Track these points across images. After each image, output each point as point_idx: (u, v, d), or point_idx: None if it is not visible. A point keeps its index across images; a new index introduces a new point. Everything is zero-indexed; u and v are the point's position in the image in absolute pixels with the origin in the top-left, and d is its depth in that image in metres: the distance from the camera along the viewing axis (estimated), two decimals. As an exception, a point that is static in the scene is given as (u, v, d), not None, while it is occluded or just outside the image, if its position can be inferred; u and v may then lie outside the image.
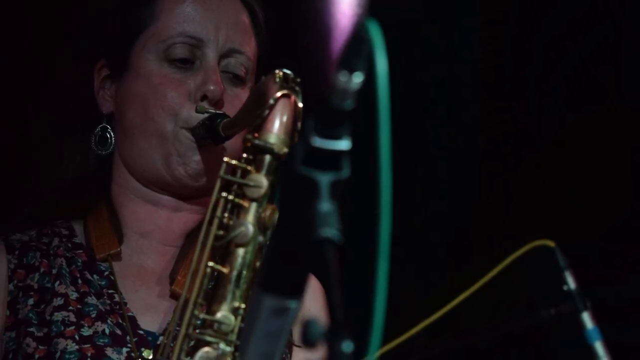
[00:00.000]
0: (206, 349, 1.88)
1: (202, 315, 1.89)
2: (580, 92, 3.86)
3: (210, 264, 1.91)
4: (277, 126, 1.93)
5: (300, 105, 1.94)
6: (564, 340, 2.52)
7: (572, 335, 2.02)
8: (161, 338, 2.24)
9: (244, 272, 1.85)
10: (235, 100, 2.34)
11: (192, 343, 1.91)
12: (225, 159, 1.99)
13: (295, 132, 1.92)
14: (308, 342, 1.30)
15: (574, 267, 2.18)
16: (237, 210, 1.93)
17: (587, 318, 2.06)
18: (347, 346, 1.29)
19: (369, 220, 1.39)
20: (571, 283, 2.10)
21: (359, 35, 1.35)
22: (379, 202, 1.36)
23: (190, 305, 1.93)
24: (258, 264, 1.85)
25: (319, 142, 1.37)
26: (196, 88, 2.32)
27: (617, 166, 3.83)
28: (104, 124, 2.42)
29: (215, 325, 1.85)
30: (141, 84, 2.34)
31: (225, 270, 1.86)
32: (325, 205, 1.36)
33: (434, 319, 2.13)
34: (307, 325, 1.30)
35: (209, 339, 1.87)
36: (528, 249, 2.04)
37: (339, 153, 1.38)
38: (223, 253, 1.89)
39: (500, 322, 2.39)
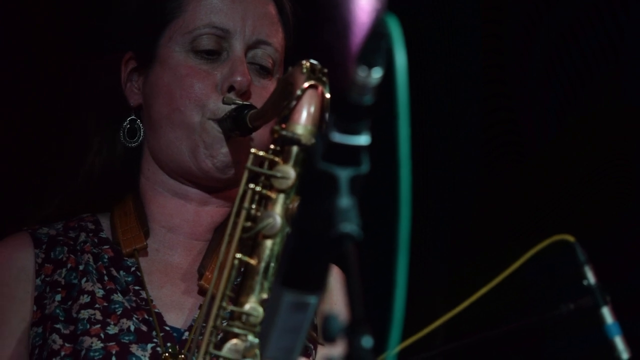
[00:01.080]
0: (234, 340, 1.87)
1: (230, 307, 1.88)
2: (582, 91, 3.86)
3: (238, 255, 1.89)
4: (304, 117, 1.91)
5: (328, 95, 1.92)
6: (584, 335, 2.52)
7: (592, 330, 2.03)
8: (187, 334, 2.24)
9: (272, 264, 1.83)
10: (263, 91, 2.33)
11: (220, 335, 1.90)
12: (253, 150, 1.98)
13: (323, 123, 1.90)
14: (328, 337, 1.30)
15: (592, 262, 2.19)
16: (264, 202, 1.91)
17: (606, 313, 2.06)
18: (367, 341, 1.29)
19: (389, 216, 1.39)
20: (591, 278, 2.10)
21: (377, 30, 1.35)
22: (399, 197, 1.36)
23: (219, 297, 1.92)
24: None
25: (338, 137, 1.36)
26: (223, 79, 2.31)
27: (618, 164, 3.83)
28: (132, 117, 2.41)
29: (244, 317, 1.84)
30: (168, 75, 2.33)
31: (253, 262, 1.85)
32: (345, 201, 1.35)
33: (454, 314, 2.13)
34: (327, 321, 1.30)
35: (237, 330, 1.86)
36: (547, 244, 2.04)
37: (359, 148, 1.38)
38: (251, 245, 1.88)
39: (519, 316, 2.39)
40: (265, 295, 1.84)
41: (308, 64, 1.95)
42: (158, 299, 2.29)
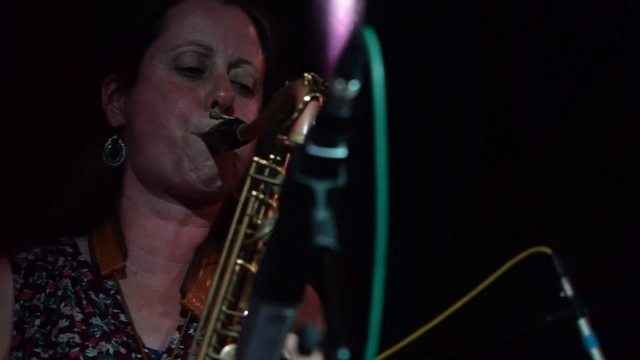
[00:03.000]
0: (233, 345, 1.89)
1: (229, 312, 1.89)
2: (582, 91, 3.85)
3: (240, 261, 1.91)
4: (306, 128, 1.92)
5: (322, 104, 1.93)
6: (561, 347, 2.52)
7: (569, 342, 2.03)
8: (165, 356, 2.24)
9: None
10: (245, 109, 2.35)
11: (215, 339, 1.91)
12: (256, 158, 2.00)
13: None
14: (304, 349, 1.31)
15: (570, 272, 2.19)
16: (265, 209, 1.94)
17: (584, 325, 2.05)
18: (343, 354, 1.29)
19: (366, 228, 1.39)
20: (568, 289, 2.10)
21: (355, 43, 1.35)
22: (376, 209, 1.36)
23: (219, 302, 1.93)
24: None
25: (315, 150, 1.37)
26: (207, 95, 2.33)
27: (618, 164, 3.83)
28: (114, 137, 2.42)
29: (243, 321, 1.85)
30: (151, 92, 2.34)
31: (252, 268, 1.87)
32: (322, 213, 1.36)
33: (431, 327, 2.13)
34: (303, 332, 1.31)
35: (236, 335, 1.88)
36: (524, 256, 2.04)
37: (336, 161, 1.38)
38: (250, 251, 1.90)
39: (497, 329, 2.38)
40: None
41: (310, 77, 1.96)
42: (136, 322, 2.30)
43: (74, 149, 2.46)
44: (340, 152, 1.38)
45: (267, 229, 1.87)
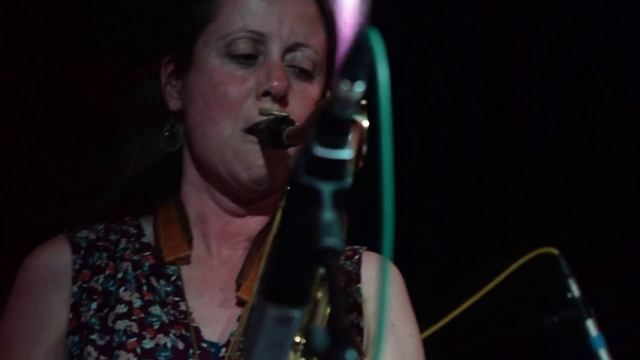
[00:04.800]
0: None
1: None
2: (582, 91, 3.86)
3: None
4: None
5: (367, 126, 1.78)
6: (568, 348, 2.52)
7: (576, 343, 2.03)
8: (223, 350, 2.20)
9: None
10: (302, 95, 2.28)
11: None
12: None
13: (361, 158, 1.77)
14: (312, 351, 1.31)
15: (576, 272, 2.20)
16: None
17: (591, 325, 2.05)
18: (351, 355, 1.29)
19: (372, 229, 1.39)
20: (575, 290, 2.10)
21: (360, 44, 1.35)
22: (382, 210, 1.36)
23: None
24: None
25: (321, 151, 1.37)
26: (258, 84, 2.26)
27: (618, 164, 3.83)
28: (172, 121, 2.37)
29: None
30: (203, 82, 2.29)
31: None
32: (328, 215, 1.36)
33: (439, 327, 2.13)
34: (311, 334, 1.30)
35: None
36: (532, 257, 2.04)
37: (341, 162, 1.38)
38: None
39: (504, 329, 2.38)
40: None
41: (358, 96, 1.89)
42: (196, 309, 2.25)
43: (138, 130, 2.42)
44: (346, 154, 1.38)
45: None
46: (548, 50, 3.89)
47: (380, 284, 1.31)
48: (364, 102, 1.70)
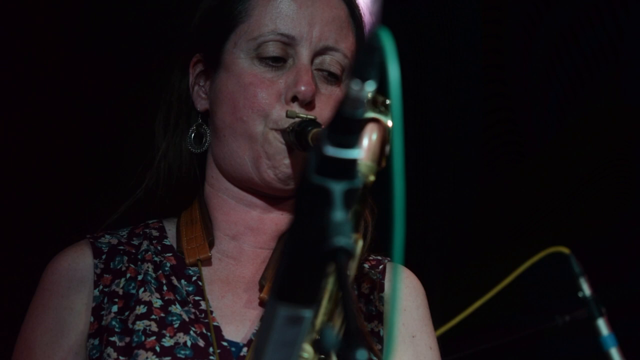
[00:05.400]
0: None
1: None
2: (582, 91, 3.86)
3: None
4: (364, 153, 1.75)
5: (390, 127, 1.75)
6: (579, 346, 2.52)
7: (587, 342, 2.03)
8: (245, 350, 2.19)
9: (331, 289, 1.74)
10: (329, 99, 2.27)
11: None
12: None
13: (384, 158, 1.74)
14: (322, 350, 1.30)
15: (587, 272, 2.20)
16: None
17: (602, 324, 2.05)
18: (361, 355, 1.29)
19: (383, 227, 1.39)
20: (586, 290, 2.10)
21: (371, 44, 1.35)
22: (393, 209, 1.36)
23: None
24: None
25: (332, 151, 1.36)
26: (287, 88, 2.25)
27: (618, 164, 3.84)
28: (199, 122, 2.36)
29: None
30: (232, 82, 2.27)
31: None
32: (339, 214, 1.35)
33: (450, 326, 2.13)
34: (322, 334, 1.30)
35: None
36: (542, 256, 2.04)
37: (352, 161, 1.37)
38: None
39: (515, 328, 2.38)
40: (324, 318, 1.77)
41: (369, 95, 1.89)
42: (218, 309, 2.24)
43: (163, 131, 2.41)
44: (356, 153, 1.37)
45: None
46: (548, 50, 3.90)
47: (391, 289, 1.30)
48: (388, 102, 1.70)
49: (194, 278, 2.26)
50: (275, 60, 2.26)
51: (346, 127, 1.38)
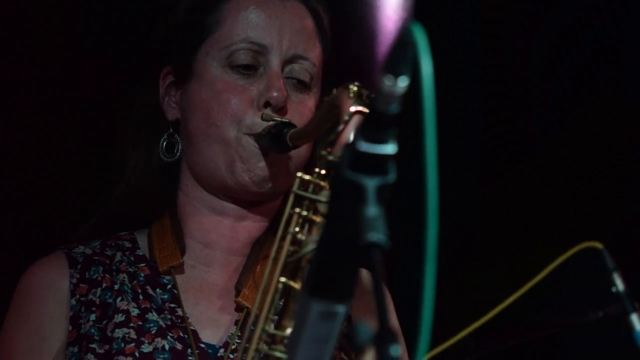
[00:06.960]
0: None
1: (272, 331, 1.86)
2: (582, 91, 3.87)
3: (283, 279, 1.88)
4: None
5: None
6: (613, 342, 2.52)
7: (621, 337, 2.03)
8: (222, 351, 2.24)
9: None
10: (300, 106, 2.34)
11: (261, 357, 1.88)
12: (299, 174, 1.97)
13: None
14: (356, 346, 1.30)
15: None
16: (309, 226, 1.90)
17: (635, 320, 2.05)
18: (395, 350, 1.29)
19: (416, 224, 1.39)
20: (619, 285, 2.10)
21: (404, 39, 1.35)
22: (426, 205, 1.36)
23: (261, 321, 1.90)
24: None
25: (365, 147, 1.36)
26: (259, 95, 2.31)
27: (618, 164, 3.84)
28: (170, 131, 2.41)
29: (286, 341, 1.82)
30: (204, 90, 2.33)
31: (297, 285, 1.84)
32: (372, 210, 1.35)
33: (483, 322, 2.13)
34: (355, 329, 1.30)
35: (278, 354, 1.83)
36: (575, 251, 2.04)
37: (386, 157, 1.38)
38: (294, 268, 1.87)
39: (548, 324, 2.38)
40: None
41: (355, 88, 1.93)
42: (194, 316, 2.29)
43: (133, 142, 2.44)
44: (389, 149, 1.38)
45: (310, 246, 1.82)
46: (548, 50, 3.90)
47: (425, 277, 1.30)
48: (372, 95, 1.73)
49: (169, 286, 2.32)
50: (247, 68, 2.33)
51: (379, 123, 1.38)
